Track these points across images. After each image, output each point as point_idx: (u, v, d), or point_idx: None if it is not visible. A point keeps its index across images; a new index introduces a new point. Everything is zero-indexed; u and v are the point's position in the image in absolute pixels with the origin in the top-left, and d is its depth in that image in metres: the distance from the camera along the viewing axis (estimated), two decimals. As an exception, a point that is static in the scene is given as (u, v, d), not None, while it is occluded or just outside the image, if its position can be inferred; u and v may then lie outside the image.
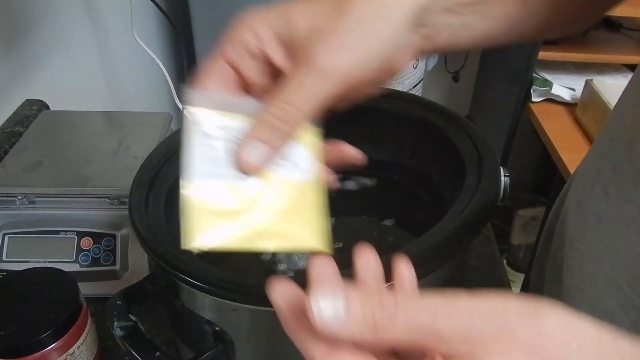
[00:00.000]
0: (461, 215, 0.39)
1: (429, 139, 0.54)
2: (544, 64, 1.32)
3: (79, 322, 0.43)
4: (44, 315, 0.41)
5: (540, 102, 1.31)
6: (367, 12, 0.28)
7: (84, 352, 0.44)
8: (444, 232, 0.37)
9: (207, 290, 0.35)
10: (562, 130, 1.21)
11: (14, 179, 0.54)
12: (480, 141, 0.48)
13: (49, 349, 0.41)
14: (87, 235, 0.51)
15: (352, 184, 0.61)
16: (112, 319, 0.36)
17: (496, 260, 0.60)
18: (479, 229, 0.38)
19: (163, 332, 0.51)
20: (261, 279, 0.41)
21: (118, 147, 0.59)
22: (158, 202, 0.43)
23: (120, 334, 0.36)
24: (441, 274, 0.41)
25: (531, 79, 1.31)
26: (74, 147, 0.59)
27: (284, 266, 0.49)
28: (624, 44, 1.38)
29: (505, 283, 0.57)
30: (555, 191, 1.21)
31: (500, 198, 0.42)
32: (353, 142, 0.65)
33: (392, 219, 0.54)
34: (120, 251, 0.51)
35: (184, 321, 0.40)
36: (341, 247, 0.51)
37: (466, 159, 0.46)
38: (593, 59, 1.29)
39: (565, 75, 1.34)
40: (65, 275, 0.44)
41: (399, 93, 0.58)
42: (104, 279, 0.51)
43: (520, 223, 1.65)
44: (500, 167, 0.44)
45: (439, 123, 0.52)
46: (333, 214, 0.55)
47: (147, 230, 0.39)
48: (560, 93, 1.29)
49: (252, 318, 0.38)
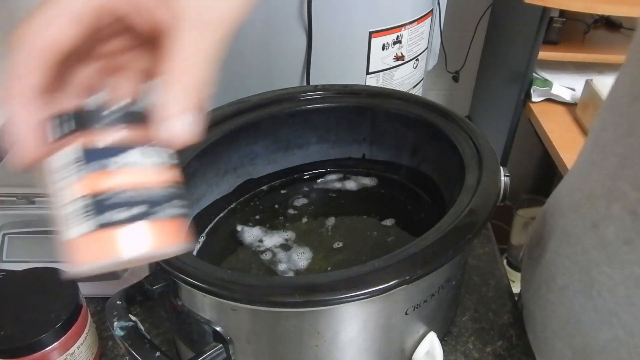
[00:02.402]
0: (461, 215, 0.39)
1: (429, 139, 0.54)
2: (544, 64, 1.32)
3: (79, 322, 0.43)
4: (44, 315, 0.41)
5: (540, 102, 1.31)
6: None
7: (84, 352, 0.44)
8: (444, 232, 0.37)
9: (207, 290, 0.35)
10: (562, 130, 1.21)
11: (14, 179, 0.54)
12: (480, 141, 0.48)
13: (49, 349, 0.41)
14: (87, 235, 0.51)
15: (352, 184, 0.61)
16: (112, 319, 0.36)
17: (496, 260, 0.60)
18: (479, 229, 0.38)
19: (163, 332, 0.51)
20: (261, 279, 0.41)
21: (118, 147, 0.59)
22: (158, 202, 0.43)
23: (120, 334, 0.36)
24: (441, 274, 0.41)
25: (531, 79, 1.31)
26: (74, 147, 0.59)
27: (284, 266, 0.49)
28: (624, 44, 1.38)
29: (505, 283, 0.57)
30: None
31: (500, 198, 0.42)
32: (353, 142, 0.65)
33: (392, 219, 0.54)
34: (120, 251, 0.51)
35: (184, 321, 0.40)
36: (341, 247, 0.51)
37: (466, 159, 0.46)
38: (593, 59, 1.29)
39: (565, 75, 1.34)
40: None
41: (399, 93, 0.58)
42: (104, 279, 0.51)
43: (520, 223, 1.65)
44: (500, 167, 0.44)
45: (439, 123, 0.52)
46: (333, 214, 0.56)
47: (147, 230, 0.39)
48: (560, 93, 1.29)
49: (252, 318, 0.38)
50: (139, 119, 0.25)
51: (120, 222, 0.23)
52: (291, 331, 0.38)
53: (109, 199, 0.24)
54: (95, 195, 0.24)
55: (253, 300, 0.34)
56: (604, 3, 1.19)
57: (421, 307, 0.40)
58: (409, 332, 0.42)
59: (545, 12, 1.20)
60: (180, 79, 0.24)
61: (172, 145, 0.25)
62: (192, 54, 0.25)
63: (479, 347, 0.50)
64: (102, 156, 0.24)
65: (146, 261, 0.25)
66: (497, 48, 1.63)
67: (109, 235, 0.24)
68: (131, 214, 0.24)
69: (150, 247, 0.24)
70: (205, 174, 0.51)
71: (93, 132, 0.24)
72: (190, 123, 0.25)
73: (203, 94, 0.25)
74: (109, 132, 0.24)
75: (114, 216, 0.23)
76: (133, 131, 0.24)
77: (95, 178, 0.24)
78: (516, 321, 0.52)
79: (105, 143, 0.24)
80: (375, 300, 0.36)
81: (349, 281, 0.34)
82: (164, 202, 0.25)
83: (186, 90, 0.24)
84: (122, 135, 0.24)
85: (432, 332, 0.43)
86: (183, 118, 0.24)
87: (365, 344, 0.40)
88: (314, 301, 0.34)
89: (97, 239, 0.23)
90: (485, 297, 0.55)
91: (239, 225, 0.54)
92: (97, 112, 0.24)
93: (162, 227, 0.24)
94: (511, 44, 1.45)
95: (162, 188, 0.25)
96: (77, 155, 0.24)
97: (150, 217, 0.24)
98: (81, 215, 0.24)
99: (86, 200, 0.24)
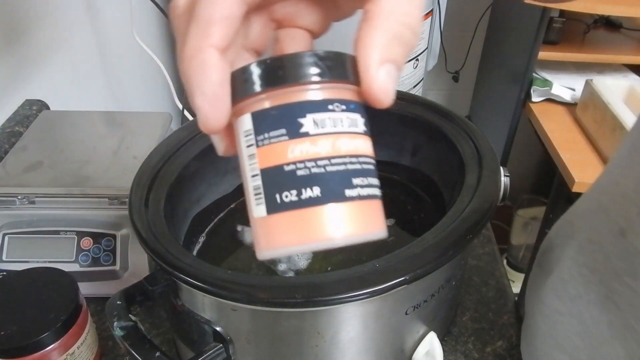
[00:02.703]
0: (461, 215, 0.39)
1: (429, 139, 0.54)
2: (544, 64, 1.32)
3: (79, 322, 0.43)
4: (44, 315, 0.41)
5: (540, 102, 1.31)
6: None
7: (84, 352, 0.44)
8: (444, 232, 0.37)
9: (207, 290, 0.35)
10: (562, 130, 1.21)
11: (14, 179, 0.54)
12: (480, 141, 0.48)
13: (49, 349, 0.41)
14: (87, 236, 0.51)
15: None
16: (112, 319, 0.36)
17: (496, 260, 0.60)
18: (479, 229, 0.38)
19: (163, 332, 0.51)
20: (261, 279, 0.41)
21: (118, 147, 0.59)
22: (158, 202, 0.43)
23: (120, 334, 0.36)
24: (441, 274, 0.41)
25: (531, 79, 1.31)
26: (74, 147, 0.59)
27: (284, 266, 0.49)
28: (624, 44, 1.38)
29: (505, 283, 0.57)
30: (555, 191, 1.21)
31: (500, 198, 0.42)
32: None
33: (392, 219, 0.54)
34: (120, 251, 0.51)
35: (184, 321, 0.40)
36: (341, 246, 0.51)
37: (466, 159, 0.46)
38: (593, 59, 1.30)
39: (565, 75, 1.34)
40: (65, 275, 0.44)
41: (399, 93, 0.58)
42: (104, 279, 0.51)
43: (520, 223, 1.65)
44: (500, 167, 0.44)
45: (439, 123, 0.52)
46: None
47: (147, 230, 0.39)
48: (560, 93, 1.29)
49: (252, 318, 0.38)
50: (326, 72, 0.21)
51: (315, 201, 0.20)
52: (291, 331, 0.38)
53: (299, 172, 0.20)
54: (281, 167, 0.20)
55: (253, 300, 0.34)
56: (604, 3, 1.19)
57: (421, 307, 0.40)
58: (409, 332, 0.42)
59: (545, 12, 1.20)
60: (385, 22, 0.21)
61: (373, 102, 0.21)
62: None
63: (479, 347, 0.50)
64: (286, 121, 0.20)
65: (343, 245, 0.21)
66: (497, 48, 1.63)
67: (302, 217, 0.20)
68: (326, 192, 0.20)
69: (350, 231, 0.21)
70: (205, 174, 0.51)
71: (276, 92, 0.20)
72: (393, 77, 0.21)
73: (410, 44, 0.22)
74: (293, 92, 0.20)
75: (304, 194, 0.20)
76: (320, 89, 0.21)
77: (281, 147, 0.20)
78: (516, 321, 0.52)
79: (294, 102, 0.20)
80: (375, 300, 0.36)
81: (349, 281, 0.34)
82: (358, 178, 0.21)
83: (392, 35, 0.21)
84: (309, 94, 0.20)
85: (432, 332, 0.43)
86: (387, 68, 0.21)
87: (365, 344, 0.40)
88: (314, 301, 0.34)
89: (288, 221, 0.20)
90: (485, 297, 0.55)
91: (239, 225, 0.54)
92: (277, 70, 0.20)
93: (361, 208, 0.21)
94: (511, 44, 1.45)
95: (356, 161, 0.21)
96: (256, 122, 0.21)
97: (345, 197, 0.20)
98: (267, 192, 0.21)
99: (272, 173, 0.20)
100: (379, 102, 0.21)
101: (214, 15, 0.20)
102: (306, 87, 0.20)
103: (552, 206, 1.26)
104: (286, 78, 0.20)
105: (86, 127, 0.65)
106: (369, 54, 0.21)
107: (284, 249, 0.21)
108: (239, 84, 0.21)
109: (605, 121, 1.08)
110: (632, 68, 1.34)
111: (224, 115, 0.21)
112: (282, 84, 0.20)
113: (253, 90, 0.20)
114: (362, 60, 0.21)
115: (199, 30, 0.20)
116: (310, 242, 0.20)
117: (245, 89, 0.21)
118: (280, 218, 0.20)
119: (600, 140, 1.12)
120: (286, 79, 0.20)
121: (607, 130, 1.08)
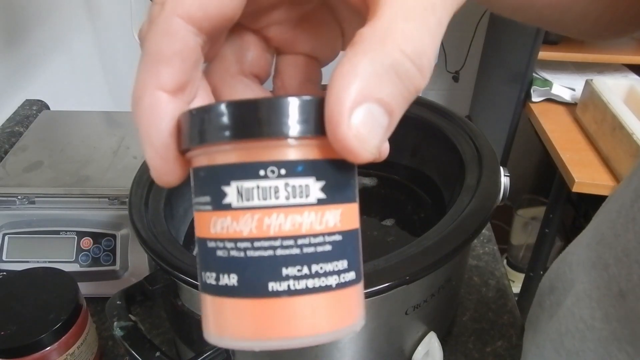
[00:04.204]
0: (461, 215, 0.39)
1: (429, 139, 0.54)
2: (544, 64, 1.32)
3: (79, 322, 0.43)
4: (44, 315, 0.41)
5: (540, 102, 1.31)
6: None
7: (84, 352, 0.44)
8: (444, 232, 0.37)
9: (207, 290, 0.34)
10: (562, 130, 1.21)
11: (14, 179, 0.54)
12: (480, 141, 0.48)
13: (49, 349, 0.41)
14: (87, 235, 0.51)
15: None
16: (112, 319, 0.36)
17: (496, 260, 0.60)
18: (479, 229, 0.38)
19: (163, 332, 0.51)
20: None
21: (118, 147, 0.59)
22: (158, 202, 0.43)
23: (120, 334, 0.36)
24: (441, 273, 0.41)
25: (531, 79, 1.31)
26: (74, 147, 0.59)
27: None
28: (624, 44, 1.38)
29: (505, 283, 0.57)
30: (555, 191, 1.21)
31: (500, 198, 0.42)
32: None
33: (392, 219, 0.54)
34: (120, 251, 0.51)
35: (184, 321, 0.40)
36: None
37: (466, 159, 0.46)
38: (593, 59, 1.30)
39: (565, 75, 1.34)
40: (65, 275, 0.44)
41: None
42: (104, 279, 0.51)
43: (520, 223, 1.65)
44: (500, 167, 0.44)
45: (439, 123, 0.52)
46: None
47: (147, 230, 0.39)
48: (560, 93, 1.29)
49: (252, 318, 0.38)
50: (255, 127, 0.16)
51: (231, 291, 0.16)
52: (291, 331, 0.38)
53: (218, 253, 0.16)
54: (205, 241, 0.17)
55: (253, 300, 0.34)
56: (604, 3, 1.18)
57: (421, 307, 0.40)
58: (408, 332, 0.42)
59: (545, 12, 1.20)
60: (377, 46, 0.15)
61: (345, 155, 0.16)
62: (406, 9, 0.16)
63: (479, 347, 0.50)
64: (212, 188, 0.16)
65: (307, 345, 0.17)
66: (497, 48, 1.63)
67: (219, 306, 0.16)
68: (243, 283, 0.16)
69: (319, 328, 0.16)
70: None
71: (205, 149, 0.16)
72: (378, 123, 0.16)
73: (412, 81, 0.16)
74: (218, 152, 0.16)
75: (221, 280, 0.16)
76: (246, 148, 0.16)
77: (205, 218, 0.17)
78: (516, 321, 0.52)
79: (217, 164, 0.16)
80: (375, 300, 0.36)
81: (349, 281, 0.34)
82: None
83: (385, 65, 0.15)
84: (233, 156, 0.16)
85: (432, 332, 0.43)
86: (369, 109, 0.15)
87: (365, 344, 0.40)
88: (314, 301, 0.34)
89: (242, 308, 0.16)
90: (485, 297, 0.55)
91: (239, 225, 0.54)
92: (203, 123, 0.16)
93: (292, 306, 0.16)
94: (511, 44, 1.45)
95: (293, 245, 0.16)
96: (194, 180, 0.17)
97: (268, 292, 0.16)
98: (198, 266, 0.17)
99: (201, 245, 0.17)
100: (352, 154, 0.15)
101: (163, 50, 0.17)
102: (232, 147, 0.16)
103: (552, 206, 1.26)
104: (206, 134, 0.16)
105: (86, 127, 0.65)
106: (343, 87, 0.15)
107: (230, 342, 0.17)
108: (182, 131, 0.17)
109: (605, 121, 1.08)
110: (632, 68, 1.34)
111: (178, 167, 0.17)
112: (204, 142, 0.16)
113: (188, 144, 0.17)
114: (330, 96, 0.15)
115: (147, 66, 0.17)
116: (222, 337, 0.17)
117: (184, 139, 0.17)
118: (206, 300, 0.17)
119: (600, 140, 1.12)
120: (206, 135, 0.16)
121: (607, 130, 1.08)
